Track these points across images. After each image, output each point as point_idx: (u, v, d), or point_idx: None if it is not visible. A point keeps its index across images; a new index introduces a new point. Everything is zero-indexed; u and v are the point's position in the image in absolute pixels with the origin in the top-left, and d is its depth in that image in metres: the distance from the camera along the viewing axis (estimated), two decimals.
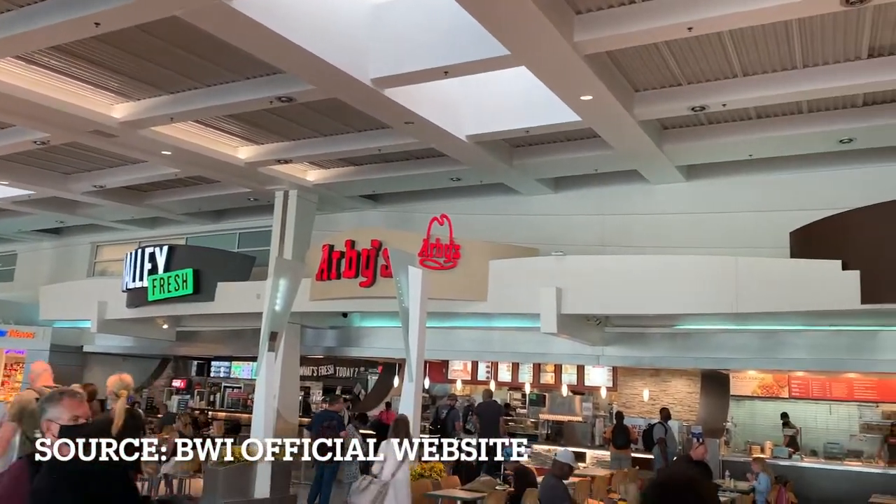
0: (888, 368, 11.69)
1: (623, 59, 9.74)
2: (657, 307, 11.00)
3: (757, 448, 13.45)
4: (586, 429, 14.96)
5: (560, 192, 15.04)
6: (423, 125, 11.45)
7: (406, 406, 9.32)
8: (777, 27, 8.74)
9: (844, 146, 11.73)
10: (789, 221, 11.20)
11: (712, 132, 11.98)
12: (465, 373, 16.90)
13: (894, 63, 9.36)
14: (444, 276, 11.94)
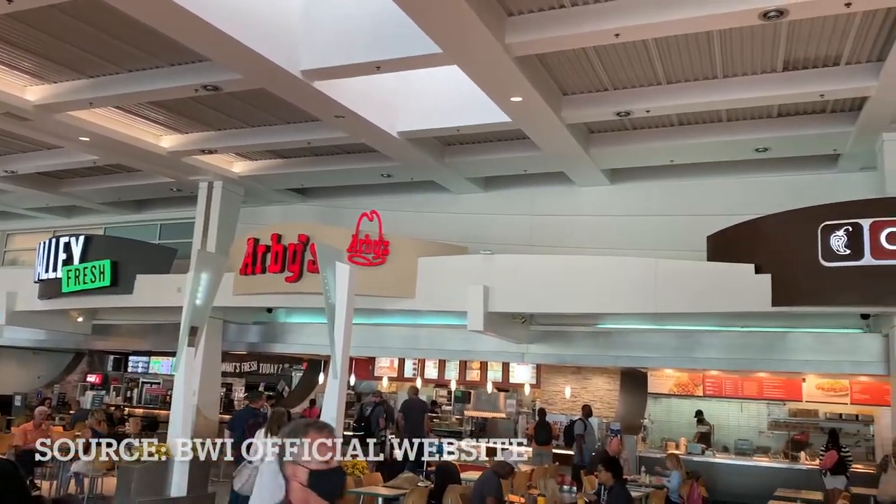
0: (796, 368, 12.29)
1: (552, 62, 9.91)
2: (581, 306, 11.23)
3: (672, 444, 13.91)
4: (510, 425, 15.18)
5: (490, 192, 15.19)
6: (354, 120, 11.36)
7: (330, 403, 9.23)
8: (700, 37, 9.05)
9: (760, 155, 12.26)
10: (707, 225, 11.62)
11: (636, 137, 12.32)
12: (391, 370, 16.87)
13: (807, 76, 9.84)
14: (373, 272, 11.88)
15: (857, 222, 9.50)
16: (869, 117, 10.29)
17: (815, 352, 11.67)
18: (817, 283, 9.74)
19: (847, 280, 9.56)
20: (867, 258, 9.38)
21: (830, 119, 11.15)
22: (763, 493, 10.25)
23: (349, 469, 8.80)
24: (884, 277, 9.35)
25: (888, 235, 9.30)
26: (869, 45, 9.07)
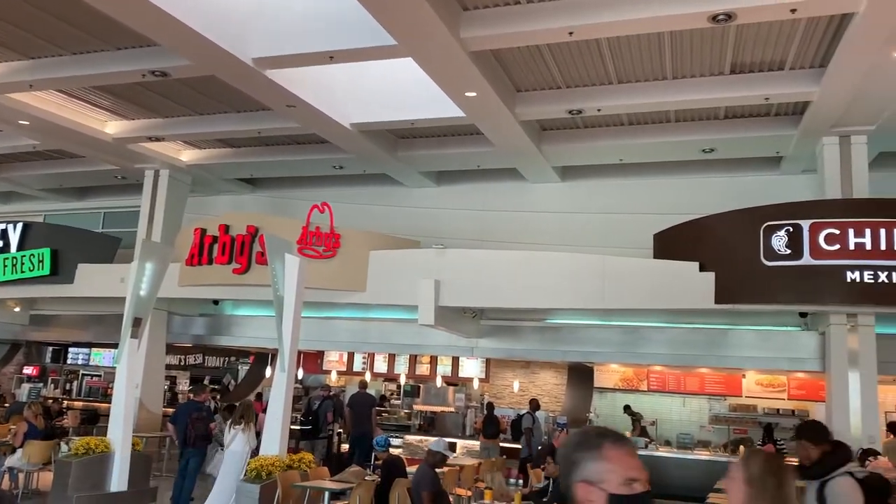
0: (736, 365, 12.64)
1: (507, 58, 9.95)
2: (531, 301, 11.33)
3: None
4: (458, 419, 15.23)
5: (442, 186, 15.19)
6: (306, 110, 11.23)
7: (277, 397, 9.11)
8: (651, 38, 9.20)
9: (706, 155, 12.53)
10: (654, 224, 11.84)
11: (587, 135, 12.47)
12: (340, 364, 16.76)
13: (753, 80, 10.10)
14: (323, 265, 11.78)
15: (798, 223, 9.81)
16: (811, 121, 10.61)
17: (756, 348, 12.03)
18: (759, 281, 10.03)
19: (787, 279, 9.86)
20: (806, 258, 9.70)
21: (774, 122, 11.47)
22: (704, 485, 10.49)
23: (295, 463, 8.72)
24: (821, 277, 9.68)
25: (826, 237, 9.63)
26: (812, 51, 9.36)
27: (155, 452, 13.18)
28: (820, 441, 3.94)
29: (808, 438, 3.97)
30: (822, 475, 3.78)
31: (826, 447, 3.91)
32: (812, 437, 3.98)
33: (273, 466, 8.37)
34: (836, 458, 3.85)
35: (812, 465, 3.88)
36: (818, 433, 4.02)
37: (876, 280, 9.42)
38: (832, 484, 3.72)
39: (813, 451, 3.91)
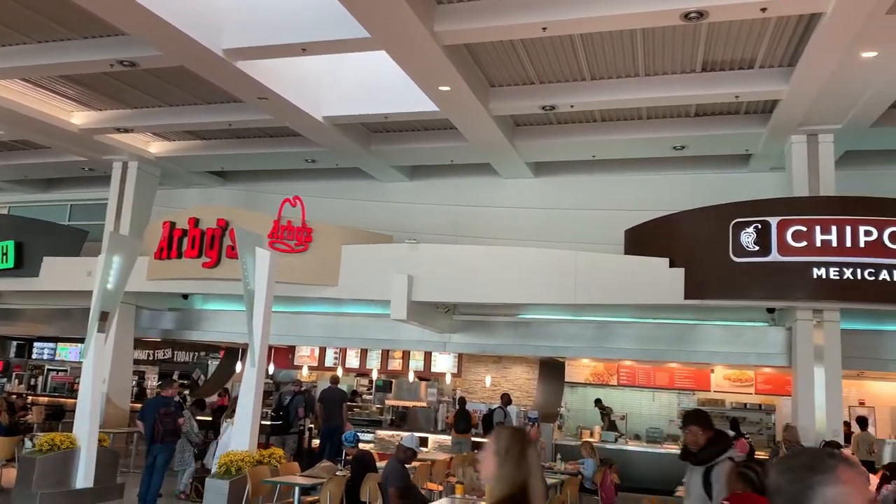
0: (705, 360, 12.79)
1: (481, 53, 9.94)
2: (503, 296, 11.37)
3: (587, 432, 14.26)
4: (430, 414, 15.23)
5: (416, 181, 15.16)
6: (278, 102, 11.12)
7: (247, 392, 9.03)
8: (624, 35, 9.26)
9: (677, 153, 12.65)
10: (625, 220, 11.95)
11: (560, 132, 12.52)
12: (312, 359, 16.66)
13: (724, 78, 10.21)
14: (295, 259, 11.70)
15: (766, 220, 9.95)
16: (779, 120, 10.76)
17: (724, 344, 12.19)
18: (727, 277, 10.16)
19: (755, 275, 10.01)
20: (774, 255, 9.85)
21: (744, 120, 11.61)
22: (673, 479, 10.60)
23: (265, 459, 8.65)
24: (789, 273, 9.84)
25: (794, 233, 9.78)
26: (781, 50, 9.48)
27: (122, 448, 13.00)
28: (707, 428, 4.18)
29: (698, 424, 4.19)
30: (708, 461, 4.04)
31: (711, 434, 4.17)
32: (701, 423, 4.20)
33: (243, 462, 8.30)
34: (721, 444, 4.11)
35: (699, 451, 4.11)
36: (706, 420, 4.24)
37: (841, 276, 9.59)
38: (717, 469, 3.99)
39: (701, 437, 4.15)
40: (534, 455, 2.64)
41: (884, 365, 11.76)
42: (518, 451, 2.59)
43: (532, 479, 2.57)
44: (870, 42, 8.46)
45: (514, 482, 2.54)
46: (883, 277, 9.50)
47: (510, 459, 2.57)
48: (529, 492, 2.54)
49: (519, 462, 2.57)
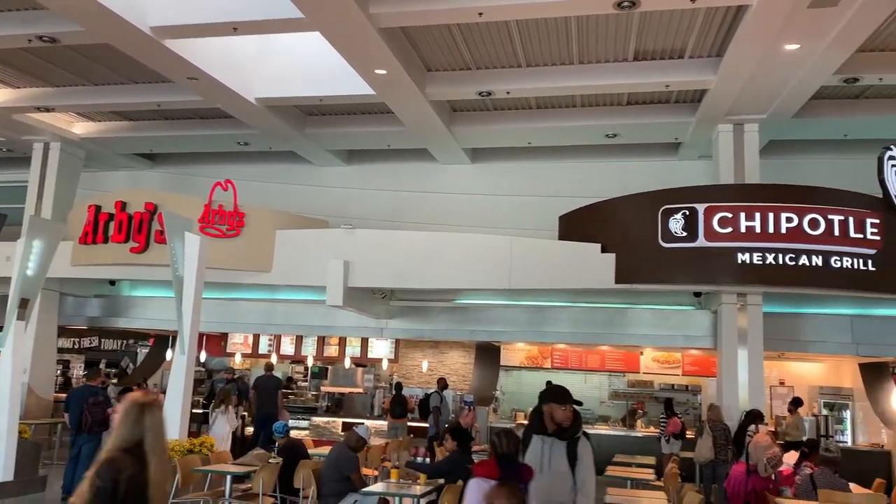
0: (635, 342, 13.14)
1: (418, 37, 9.89)
2: (440, 282, 11.39)
3: (521, 415, 14.49)
4: (367, 400, 15.20)
5: (352, 165, 15.03)
6: (209, 83, 10.83)
7: (177, 380, 8.82)
8: (559, 23, 9.35)
9: (610, 140, 12.90)
10: (560, 206, 12.12)
11: (497, 118, 12.60)
12: (245, 346, 16.36)
13: (655, 67, 10.44)
14: (227, 244, 11.45)
15: (694, 207, 10.25)
16: (707, 109, 11.07)
17: (653, 327, 12.54)
18: (656, 262, 10.44)
19: (682, 260, 10.31)
20: (701, 240, 10.16)
21: (674, 109, 11.91)
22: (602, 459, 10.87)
23: (196, 448, 8.48)
24: (715, 258, 10.17)
25: (720, 220, 10.11)
26: (710, 41, 9.75)
27: (45, 440, 12.55)
28: (567, 403, 4.42)
29: (559, 402, 4.42)
30: (572, 436, 4.35)
31: (571, 410, 4.42)
32: (559, 401, 4.42)
33: (172, 451, 8.11)
34: (578, 420, 4.43)
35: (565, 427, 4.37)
36: (564, 398, 4.45)
37: (764, 262, 9.97)
38: (581, 443, 4.35)
39: (560, 413, 4.38)
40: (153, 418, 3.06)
41: (803, 346, 12.31)
42: (136, 413, 3.04)
43: (148, 438, 3.01)
44: (792, 35, 8.77)
45: (129, 439, 3.00)
46: (802, 262, 9.91)
47: (128, 420, 3.03)
48: (145, 446, 3.01)
49: (135, 423, 3.02)
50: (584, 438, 4.45)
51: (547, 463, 4.35)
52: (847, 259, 9.90)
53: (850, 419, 13.93)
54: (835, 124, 11.83)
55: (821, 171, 12.32)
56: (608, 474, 9.23)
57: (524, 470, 4.16)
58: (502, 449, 4.21)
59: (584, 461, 4.33)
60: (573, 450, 4.33)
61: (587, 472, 4.33)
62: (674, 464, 9.71)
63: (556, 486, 4.33)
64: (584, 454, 4.35)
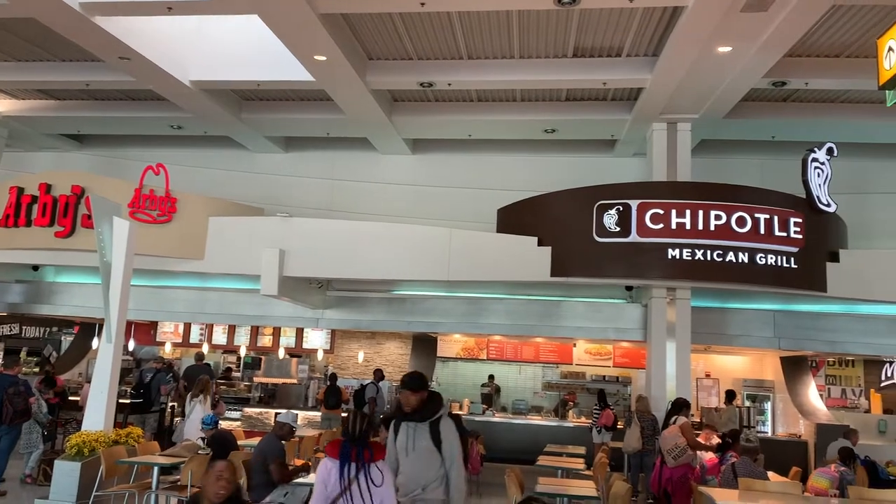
0: (569, 334, 13.37)
1: (359, 24, 9.79)
2: (378, 272, 11.34)
3: (456, 405, 14.59)
4: (301, 391, 15.03)
5: (290, 152, 14.80)
6: (142, 63, 10.50)
7: (103, 369, 8.54)
8: (500, 17, 9.40)
9: (548, 135, 13.07)
10: (499, 199, 12.21)
11: (438, 109, 12.59)
12: (176, 335, 15.96)
13: (593, 65, 10.62)
14: (157, 230, 11.14)
15: (627, 203, 10.47)
16: (642, 107, 11.32)
17: (586, 319, 12.78)
18: (590, 256, 10.63)
19: (615, 255, 10.53)
20: (633, 236, 10.39)
21: (610, 106, 12.13)
22: (536, 448, 11.07)
23: (122, 439, 8.24)
24: (646, 253, 10.42)
25: (652, 216, 10.36)
26: (647, 40, 9.96)
27: None
28: (419, 390, 4.71)
29: (411, 388, 4.70)
30: (430, 417, 4.64)
31: (424, 395, 4.71)
32: (414, 387, 4.71)
33: (96, 442, 7.87)
34: (437, 402, 4.72)
35: (419, 410, 4.67)
36: (420, 383, 4.75)
37: (693, 257, 10.26)
38: (444, 422, 4.64)
39: (412, 399, 4.67)
40: None
41: (729, 340, 12.75)
42: None
43: None
44: (725, 37, 9.04)
45: None
46: (730, 259, 10.25)
47: None
48: None
49: None
50: (448, 418, 4.71)
51: (412, 446, 4.62)
52: (771, 256, 10.28)
53: (771, 410, 14.52)
54: (763, 126, 12.26)
55: (749, 171, 12.78)
56: (539, 464, 9.37)
57: (375, 450, 4.34)
58: (348, 430, 4.37)
59: (447, 439, 4.60)
60: (436, 430, 4.61)
61: (452, 449, 4.60)
62: (603, 454, 9.93)
63: (423, 465, 4.60)
64: (447, 432, 4.62)
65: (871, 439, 12.95)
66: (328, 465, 4.22)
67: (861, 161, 13.11)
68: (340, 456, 4.23)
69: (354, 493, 4.17)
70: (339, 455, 4.23)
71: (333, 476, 4.19)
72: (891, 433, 12.77)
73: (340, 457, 4.22)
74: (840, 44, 9.90)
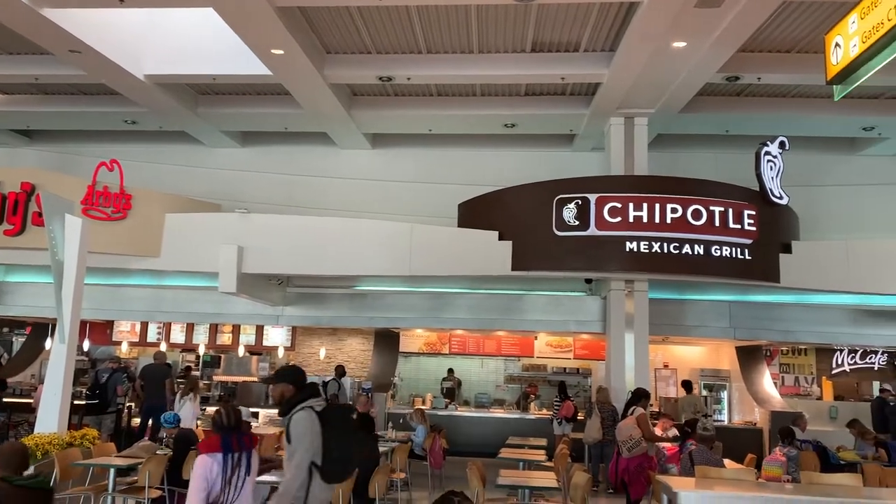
0: (530, 328, 13.49)
1: (317, 18, 9.71)
2: (338, 268, 11.26)
3: (419, 400, 14.60)
4: (261, 389, 14.88)
5: (248, 147, 14.61)
6: (93, 57, 10.26)
7: (56, 371, 8.34)
8: (459, 11, 9.40)
9: (508, 130, 13.12)
10: (460, 193, 12.23)
11: (397, 104, 12.55)
12: (132, 334, 15.67)
13: (551, 59, 10.69)
14: (112, 227, 10.91)
15: (586, 197, 10.58)
16: (600, 102, 11.44)
17: (547, 312, 12.90)
18: (551, 250, 10.72)
19: (575, 248, 10.63)
20: (592, 229, 10.50)
21: (569, 101, 12.23)
22: (498, 441, 11.15)
23: (77, 440, 8.06)
24: (605, 247, 10.54)
25: (610, 210, 10.48)
26: (604, 35, 10.06)
27: None
28: (294, 382, 4.57)
29: (284, 380, 4.58)
30: (288, 412, 4.47)
31: (285, 388, 4.57)
32: (288, 379, 4.59)
33: (50, 445, 7.68)
34: (300, 396, 4.51)
35: (282, 404, 4.54)
36: (293, 376, 4.63)
37: (650, 250, 10.41)
38: (295, 416, 4.41)
39: (287, 391, 4.54)
40: None
41: (686, 331, 13.00)
42: None
43: None
44: (680, 33, 9.17)
45: None
46: (685, 251, 10.42)
47: None
48: None
49: None
50: (300, 414, 4.42)
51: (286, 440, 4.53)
52: (726, 248, 10.49)
53: (728, 399, 14.84)
54: (717, 120, 12.49)
55: (704, 165, 13.00)
56: (501, 456, 9.44)
57: (246, 441, 4.39)
58: (223, 423, 4.37)
59: (291, 436, 4.40)
60: (287, 427, 4.46)
61: (293, 446, 4.37)
62: (564, 445, 10.05)
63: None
64: (292, 429, 4.40)
65: (823, 425, 13.34)
66: (208, 461, 4.23)
67: (812, 154, 13.46)
68: (223, 448, 4.27)
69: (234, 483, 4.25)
70: (220, 447, 4.27)
71: (216, 470, 4.23)
72: (841, 419, 13.16)
73: (223, 448, 4.27)
74: (791, 39, 10.13)
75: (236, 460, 4.29)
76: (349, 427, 4.65)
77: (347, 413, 4.91)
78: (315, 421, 4.41)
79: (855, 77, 5.75)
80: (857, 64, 5.58)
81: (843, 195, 13.49)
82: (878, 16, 5.19)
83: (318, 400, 4.55)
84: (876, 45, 5.25)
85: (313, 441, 4.36)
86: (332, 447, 4.44)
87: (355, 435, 4.75)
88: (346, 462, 4.52)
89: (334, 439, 4.45)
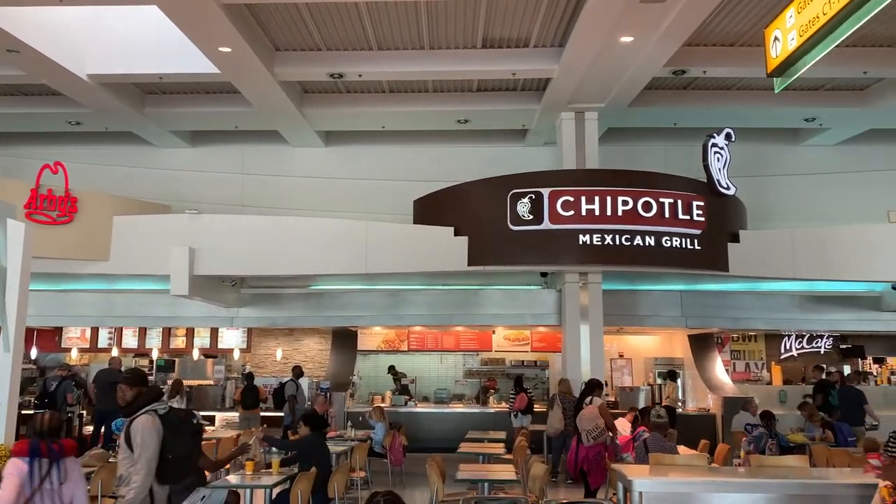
0: (487, 322, 13.57)
1: (264, 15, 9.59)
2: (293, 268, 11.16)
3: (378, 398, 14.57)
4: (217, 392, 14.69)
5: (197, 147, 14.37)
6: (33, 56, 9.97)
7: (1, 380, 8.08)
8: (409, 7, 9.38)
9: (461, 126, 13.16)
10: (415, 190, 12.22)
11: (350, 101, 12.49)
12: (83, 340, 15.31)
13: (502, 55, 10.76)
14: (58, 231, 10.62)
15: (539, 191, 10.67)
16: (551, 97, 11.55)
17: (504, 306, 13.01)
18: (506, 244, 10.79)
19: (529, 242, 10.72)
20: (546, 223, 10.60)
21: (520, 97, 12.32)
22: (459, 436, 11.19)
23: None
24: (558, 240, 10.65)
25: (563, 203, 10.59)
26: (553, 31, 10.15)
27: None
28: (134, 384, 4.50)
29: (125, 382, 4.52)
30: (131, 413, 4.38)
31: (140, 389, 4.49)
32: (128, 381, 4.53)
33: None
34: (144, 399, 4.44)
35: (126, 405, 4.45)
36: (134, 378, 4.57)
37: (603, 242, 10.55)
38: (136, 420, 4.29)
39: (128, 393, 4.47)
40: None
41: (639, 321, 13.22)
42: None
43: None
44: (627, 27, 9.30)
45: None
46: (637, 242, 10.58)
47: None
48: None
49: None
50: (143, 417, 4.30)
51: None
52: (676, 239, 10.69)
53: (681, 386, 15.15)
54: (666, 113, 12.71)
55: (654, 158, 13.24)
56: (461, 451, 9.48)
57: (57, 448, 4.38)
58: (36, 428, 4.44)
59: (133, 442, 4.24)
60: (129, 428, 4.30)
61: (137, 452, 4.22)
62: (522, 437, 10.13)
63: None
64: (134, 434, 4.24)
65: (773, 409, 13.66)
66: (20, 465, 4.21)
67: (758, 145, 13.82)
68: (30, 453, 4.25)
69: (45, 490, 4.23)
70: (28, 452, 4.24)
71: (25, 474, 4.22)
72: (790, 402, 13.55)
73: (30, 454, 4.24)
74: (734, 33, 10.37)
75: (46, 468, 4.26)
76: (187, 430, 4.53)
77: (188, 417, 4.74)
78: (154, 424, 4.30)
79: (794, 70, 5.92)
80: (796, 57, 5.74)
81: (789, 185, 13.89)
82: (814, 10, 5.35)
83: (160, 404, 4.47)
84: (813, 38, 5.41)
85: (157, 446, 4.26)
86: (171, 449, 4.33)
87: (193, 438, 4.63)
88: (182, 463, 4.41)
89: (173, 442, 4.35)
